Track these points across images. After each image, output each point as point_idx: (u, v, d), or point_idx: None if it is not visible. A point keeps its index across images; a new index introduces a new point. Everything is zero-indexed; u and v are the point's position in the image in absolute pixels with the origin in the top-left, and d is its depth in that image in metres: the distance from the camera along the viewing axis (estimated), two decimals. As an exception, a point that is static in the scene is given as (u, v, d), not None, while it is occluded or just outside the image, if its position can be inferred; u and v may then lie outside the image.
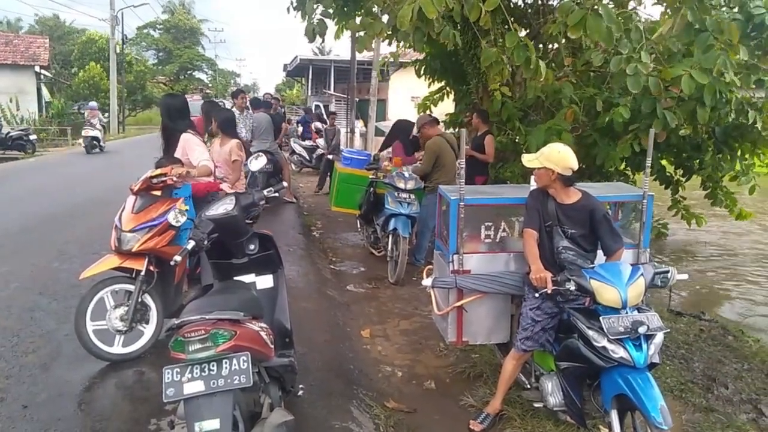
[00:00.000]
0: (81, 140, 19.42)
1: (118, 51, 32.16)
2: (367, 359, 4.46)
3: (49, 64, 31.02)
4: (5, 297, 5.18)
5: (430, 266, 4.19)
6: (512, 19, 5.58)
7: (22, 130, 20.70)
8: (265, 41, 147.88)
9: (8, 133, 19.72)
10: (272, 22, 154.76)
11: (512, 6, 7.10)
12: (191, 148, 4.70)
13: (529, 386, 3.63)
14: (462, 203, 3.58)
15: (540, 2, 7.30)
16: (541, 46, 7.15)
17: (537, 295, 3.21)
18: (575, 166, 3.28)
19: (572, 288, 3.05)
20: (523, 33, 7.45)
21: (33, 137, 20.33)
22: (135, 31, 47.63)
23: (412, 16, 4.23)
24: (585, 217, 3.30)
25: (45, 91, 31.01)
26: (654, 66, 5.32)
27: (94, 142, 18.87)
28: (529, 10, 7.43)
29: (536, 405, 3.48)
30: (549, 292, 3.11)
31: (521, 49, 5.08)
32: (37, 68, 28.89)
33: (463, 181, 3.64)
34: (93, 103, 21.89)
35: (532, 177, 3.75)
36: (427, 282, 3.72)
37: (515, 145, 7.39)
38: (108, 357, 3.94)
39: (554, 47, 7.49)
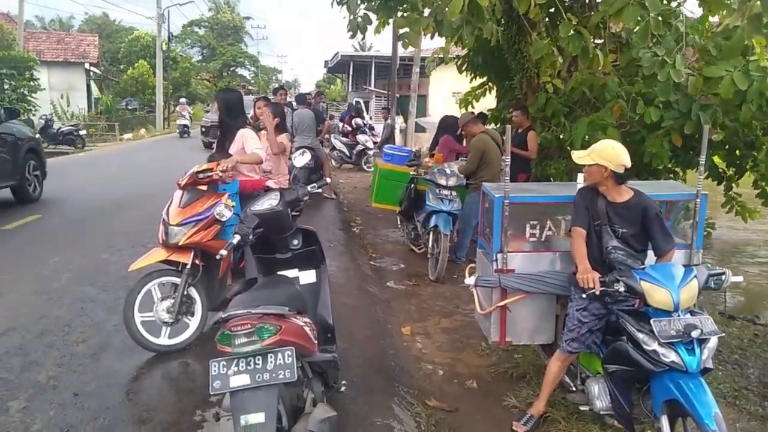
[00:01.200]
0: (177, 128, 26.16)
1: (164, 48, 32.85)
2: (408, 356, 4.44)
3: (98, 61, 31.95)
4: (58, 288, 5.35)
5: (473, 264, 4.14)
6: (555, 12, 5.48)
7: (72, 125, 21.38)
8: (306, 38, 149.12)
9: (59, 128, 20.40)
10: (314, 19, 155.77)
11: (560, -1, 6.97)
12: (247, 140, 4.71)
13: (574, 388, 3.55)
14: (506, 201, 3.52)
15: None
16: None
17: (584, 295, 3.13)
18: (628, 163, 3.18)
19: (621, 289, 2.97)
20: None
21: (83, 132, 21.00)
22: (180, 28, 48.60)
23: (463, 7, 4.17)
24: (637, 216, 3.21)
25: (94, 88, 31.97)
26: (690, 70, 5.15)
27: (185, 129, 25.38)
28: (575, 4, 7.28)
29: (582, 408, 3.40)
30: (597, 293, 3.03)
31: (576, 38, 4.97)
32: (87, 65, 29.82)
33: (508, 178, 3.58)
34: (183, 99, 28.88)
35: (580, 174, 3.66)
36: (470, 281, 3.68)
37: (559, 142, 7.25)
38: (155, 348, 4.03)
39: (599, 42, 7.34)
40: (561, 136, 7.16)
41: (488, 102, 9.64)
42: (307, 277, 3.30)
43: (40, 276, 5.68)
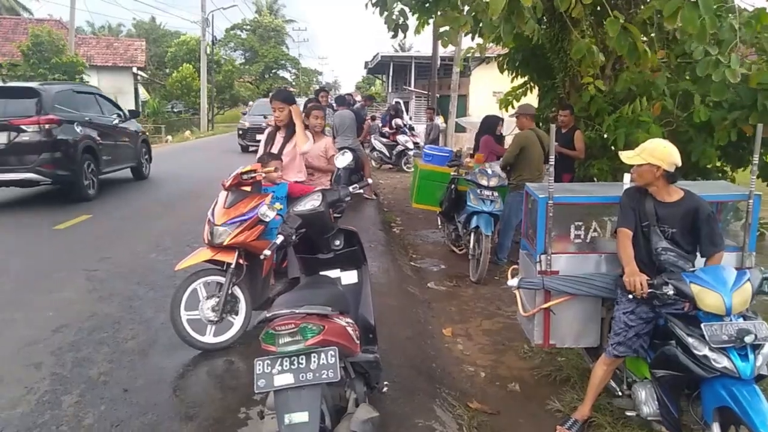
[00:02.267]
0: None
1: (208, 52, 33.53)
2: (450, 358, 4.42)
3: (145, 65, 32.85)
4: (108, 286, 5.52)
5: (515, 266, 4.09)
6: (602, 9, 5.37)
7: (121, 128, 21.99)
8: (346, 39, 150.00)
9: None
10: (354, 21, 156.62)
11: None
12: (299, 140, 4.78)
13: (620, 393, 3.47)
14: (551, 202, 3.47)
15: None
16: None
17: (630, 297, 3.06)
18: (680, 162, 3.10)
19: (670, 292, 2.89)
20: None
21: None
22: (224, 32, 49.52)
23: (504, 6, 4.12)
24: (688, 217, 3.12)
25: (141, 91, 32.88)
26: (747, 69, 4.97)
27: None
28: (620, 1, 7.11)
29: (628, 413, 3.32)
30: (644, 295, 2.96)
31: (624, 35, 4.86)
32: (134, 69, 30.68)
33: (553, 178, 3.53)
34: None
35: (627, 175, 3.59)
36: (512, 282, 3.64)
37: (603, 141, 7.11)
38: (200, 346, 4.11)
39: (646, 39, 7.17)
40: (605, 136, 7.03)
41: (529, 102, 9.52)
42: (349, 277, 3.31)
43: (91, 274, 5.86)
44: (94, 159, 9.99)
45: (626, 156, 3.23)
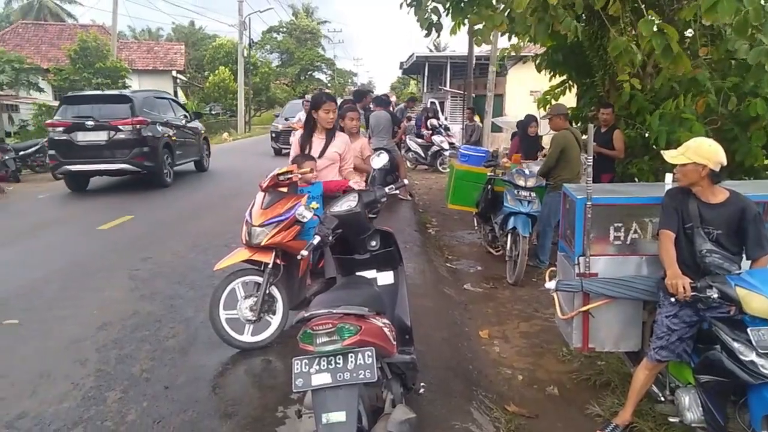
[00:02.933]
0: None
1: (245, 55, 34.03)
2: (486, 360, 4.38)
3: (184, 68, 33.56)
4: (149, 285, 5.65)
5: (553, 268, 4.03)
6: (644, 5, 5.24)
7: (161, 130, 22.49)
8: (381, 40, 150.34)
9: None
10: (389, 21, 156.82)
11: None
12: (347, 151, 4.82)
13: (662, 399, 3.39)
14: (589, 203, 3.40)
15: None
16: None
17: (673, 300, 2.98)
18: (725, 160, 3.02)
19: (714, 295, 2.81)
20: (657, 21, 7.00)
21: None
22: (260, 35, 50.16)
23: (531, 2, 4.07)
24: (733, 218, 3.03)
25: (180, 94, 33.56)
26: None
27: None
28: (662, -2, 6.96)
29: (671, 420, 3.24)
30: (687, 298, 2.88)
31: (659, 36, 4.75)
32: (174, 73, 31.37)
33: (591, 179, 3.46)
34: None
35: (668, 175, 3.51)
36: (550, 285, 3.58)
37: (644, 140, 6.96)
38: (239, 345, 4.17)
39: (690, 35, 6.98)
40: (646, 135, 6.88)
41: (567, 101, 9.39)
42: (385, 278, 3.31)
43: (133, 274, 6.01)
44: (171, 153, 12.06)
45: (670, 155, 3.15)
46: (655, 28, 4.79)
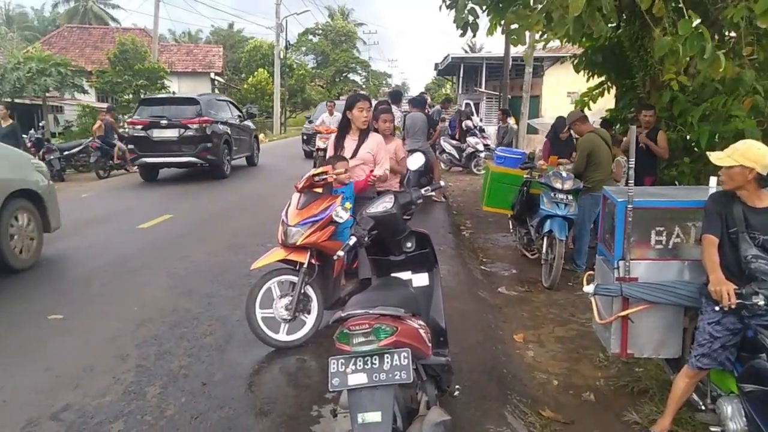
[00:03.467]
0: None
1: (281, 57, 34.40)
2: (521, 364, 4.34)
3: (222, 70, 34.09)
4: (187, 283, 5.76)
5: (591, 272, 3.97)
6: (684, 5, 5.13)
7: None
8: (416, 42, 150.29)
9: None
10: (424, 23, 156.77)
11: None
12: (381, 151, 4.79)
13: (703, 408, 3.30)
14: (630, 206, 3.34)
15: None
16: (716, 35, 6.52)
17: (717, 308, 2.91)
18: None
19: (760, 302, 2.73)
20: (697, 21, 6.83)
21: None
22: (296, 37, 50.63)
23: (584, 4, 4.02)
24: None
25: (217, 95, 34.11)
26: None
27: None
28: (707, -4, 6.79)
29: (712, 429, 3.15)
30: (732, 305, 2.81)
31: (696, 38, 4.64)
32: (212, 75, 31.89)
33: (633, 182, 3.40)
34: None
35: (713, 178, 3.42)
36: (588, 289, 3.52)
37: (686, 142, 6.81)
38: (274, 343, 4.22)
39: (733, 35, 6.79)
40: (688, 137, 6.73)
41: (606, 102, 9.24)
42: (420, 279, 3.31)
43: (172, 272, 6.14)
44: (229, 149, 13.76)
45: (716, 157, 3.07)
46: (693, 30, 4.68)
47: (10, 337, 4.51)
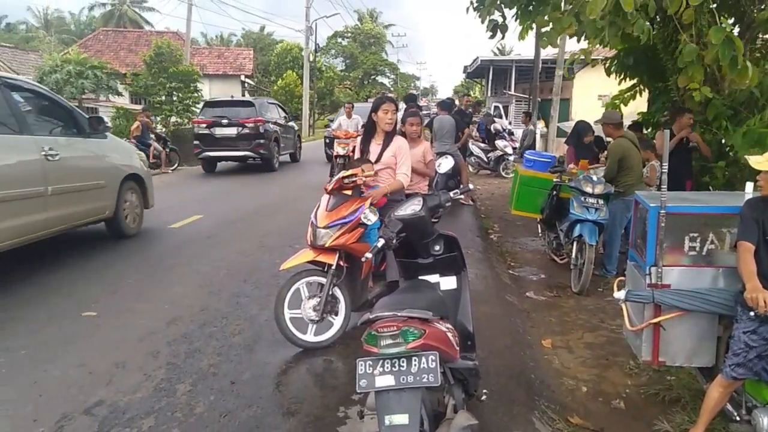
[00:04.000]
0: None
1: (310, 59, 34.63)
2: (549, 370, 4.29)
3: (252, 73, 34.45)
4: (217, 282, 5.84)
5: (621, 278, 3.91)
6: (718, 9, 5.03)
7: (229, 133, 23.16)
8: (445, 44, 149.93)
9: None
10: (453, 26, 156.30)
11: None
12: (401, 154, 4.76)
13: (738, 418, 3.23)
14: (663, 211, 3.28)
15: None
16: (749, 38, 6.38)
17: (753, 316, 2.84)
18: None
19: None
20: (731, 21, 6.70)
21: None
22: (326, 40, 50.98)
23: (606, 6, 3.96)
24: None
25: (247, 97, 34.48)
26: None
27: None
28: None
29: (747, 441, 3.09)
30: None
31: (727, 46, 4.55)
32: (242, 77, 32.24)
33: (666, 186, 3.34)
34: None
35: (749, 184, 3.35)
36: (619, 295, 3.47)
37: (720, 147, 6.68)
38: (302, 344, 4.25)
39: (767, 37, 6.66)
40: (723, 141, 6.60)
41: (638, 105, 9.10)
42: (448, 283, 3.29)
43: (202, 271, 6.23)
44: (278, 145, 15.76)
45: (755, 161, 3.00)
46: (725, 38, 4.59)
47: (46, 333, 4.62)
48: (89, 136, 7.06)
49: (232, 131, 14.65)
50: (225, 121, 14.68)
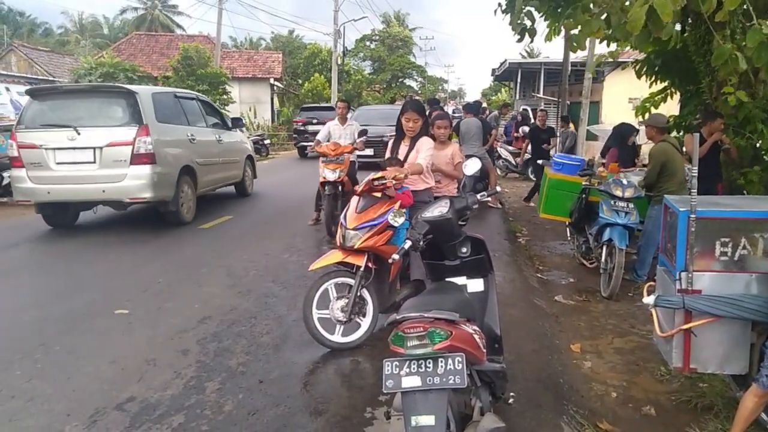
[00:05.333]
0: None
1: (339, 62, 34.79)
2: (577, 375, 4.25)
3: (281, 76, 34.73)
4: (246, 282, 5.92)
5: (652, 283, 3.86)
6: (755, 12, 4.92)
7: (258, 135, 23.43)
8: (473, 47, 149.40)
9: (249, 137, 22.48)
10: (481, 29, 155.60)
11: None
12: (421, 149, 4.79)
13: (773, 428, 3.16)
14: (693, 216, 3.22)
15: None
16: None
17: None
18: None
19: None
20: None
21: (267, 141, 22.93)
22: (353, 43, 51.18)
23: (645, 20, 3.90)
24: None
25: (276, 101, 34.81)
26: None
27: None
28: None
29: (782, 450, 3.02)
30: None
31: (764, 48, 4.45)
32: (271, 80, 32.55)
33: (695, 190, 3.28)
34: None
35: None
36: (648, 300, 3.40)
37: (755, 150, 6.53)
38: (329, 344, 4.28)
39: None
40: (758, 144, 6.45)
41: (670, 108, 8.95)
42: (475, 285, 3.29)
43: (231, 271, 6.32)
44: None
45: None
46: (763, 40, 4.49)
47: (80, 329, 4.74)
48: (231, 129, 11.12)
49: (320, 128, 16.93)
50: (315, 120, 19.68)
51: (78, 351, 4.33)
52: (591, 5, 5.83)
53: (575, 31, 5.81)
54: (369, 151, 14.30)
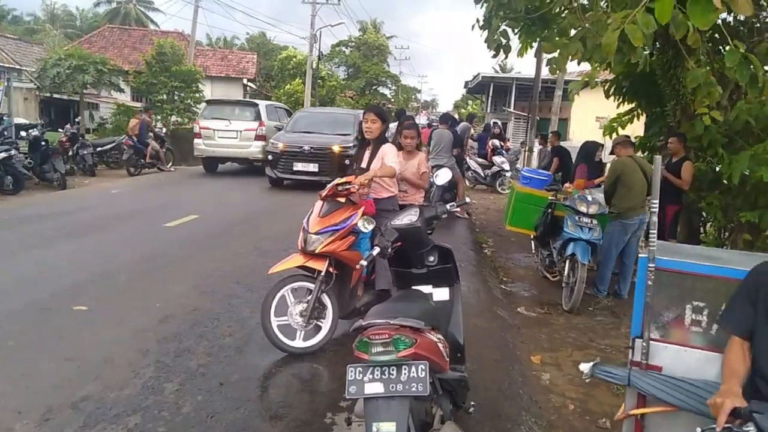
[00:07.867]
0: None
1: (314, 67, 34.70)
2: (537, 386, 4.31)
3: (254, 77, 34.49)
4: (210, 283, 5.84)
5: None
6: (727, 37, 5.09)
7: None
8: (446, 59, 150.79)
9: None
10: (456, 41, 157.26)
11: (724, 23, 6.46)
12: (386, 154, 4.71)
13: None
14: (651, 265, 2.45)
15: (756, 21, 6.59)
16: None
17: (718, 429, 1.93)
18: None
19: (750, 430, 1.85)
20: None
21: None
22: (329, 48, 51.09)
23: (619, 42, 4.01)
24: None
25: (249, 101, 34.59)
26: None
27: None
28: (742, 28, 6.74)
29: None
30: (718, 429, 1.92)
31: (744, 66, 4.61)
32: (244, 80, 32.30)
33: (655, 232, 2.49)
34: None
35: None
36: (584, 368, 2.63)
37: (715, 174, 6.73)
38: (290, 350, 4.24)
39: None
40: (717, 169, 6.65)
41: (635, 129, 9.17)
42: (441, 294, 3.31)
43: (196, 271, 6.23)
44: None
45: None
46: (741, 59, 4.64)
47: (37, 324, 4.61)
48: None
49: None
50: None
51: (34, 346, 4.22)
52: (568, 28, 5.97)
53: (553, 55, 5.94)
54: (313, 167, 12.16)
